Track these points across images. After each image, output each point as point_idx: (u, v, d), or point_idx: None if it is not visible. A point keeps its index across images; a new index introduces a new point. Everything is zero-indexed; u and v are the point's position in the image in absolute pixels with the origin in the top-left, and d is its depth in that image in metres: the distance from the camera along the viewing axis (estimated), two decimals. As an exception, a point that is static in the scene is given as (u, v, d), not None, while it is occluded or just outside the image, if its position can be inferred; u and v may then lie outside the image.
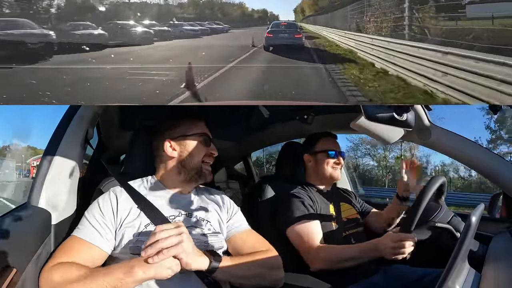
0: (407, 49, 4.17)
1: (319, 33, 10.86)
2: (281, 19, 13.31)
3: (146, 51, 7.01)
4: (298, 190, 1.58)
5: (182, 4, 12.00)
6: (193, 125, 1.21)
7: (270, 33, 7.84)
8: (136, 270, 0.89)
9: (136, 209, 1.11)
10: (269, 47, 7.60)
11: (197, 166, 1.19)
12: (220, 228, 1.19)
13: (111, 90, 3.89)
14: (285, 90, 3.88)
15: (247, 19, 14.46)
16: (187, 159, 1.19)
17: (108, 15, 8.71)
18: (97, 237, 1.03)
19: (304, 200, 1.52)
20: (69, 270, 0.92)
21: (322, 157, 1.64)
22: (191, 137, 1.20)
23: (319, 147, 1.66)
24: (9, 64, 4.75)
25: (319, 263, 1.37)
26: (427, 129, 1.47)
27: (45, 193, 1.15)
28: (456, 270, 0.84)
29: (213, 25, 11.10)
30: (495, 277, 0.98)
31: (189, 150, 1.19)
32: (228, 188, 2.57)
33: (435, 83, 3.48)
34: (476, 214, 0.86)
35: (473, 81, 2.88)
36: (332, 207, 1.58)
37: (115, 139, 2.30)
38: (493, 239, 1.25)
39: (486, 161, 1.39)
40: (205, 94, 3.77)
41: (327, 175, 1.63)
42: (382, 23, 5.52)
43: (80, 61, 5.61)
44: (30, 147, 22.76)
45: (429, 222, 1.31)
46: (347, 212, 1.61)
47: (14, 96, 3.50)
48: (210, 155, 1.21)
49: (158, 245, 0.89)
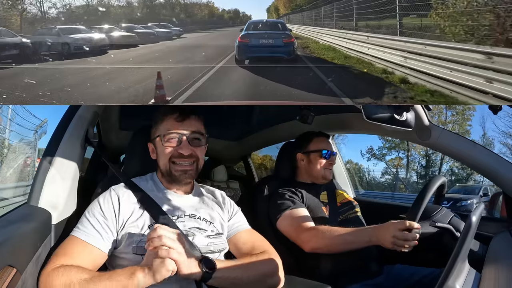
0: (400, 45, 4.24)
1: (303, 34, 9.69)
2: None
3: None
4: (285, 187, 1.59)
5: (130, 3, 10.18)
6: (160, 125, 1.16)
7: (245, 38, 5.06)
8: (137, 274, 0.88)
9: (139, 209, 1.10)
10: (243, 59, 4.99)
11: (166, 168, 1.14)
12: (222, 229, 1.18)
13: (111, 90, 3.88)
14: (285, 90, 3.88)
15: (217, 20, 12.95)
16: (159, 161, 1.17)
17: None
18: (98, 238, 1.02)
19: (287, 194, 1.54)
20: (70, 274, 0.91)
21: (315, 157, 1.64)
22: (158, 138, 1.15)
23: (313, 146, 1.67)
24: (9, 64, 4.75)
25: (312, 242, 1.34)
26: (427, 129, 1.47)
27: (45, 193, 1.15)
28: (456, 270, 0.84)
29: (156, 28, 8.77)
30: (495, 277, 0.98)
31: (158, 152, 1.16)
32: (228, 188, 2.57)
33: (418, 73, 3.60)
34: (476, 214, 0.86)
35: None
36: (325, 194, 1.60)
37: (115, 139, 2.30)
38: (493, 239, 1.24)
39: (486, 161, 1.39)
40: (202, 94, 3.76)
41: (319, 174, 1.64)
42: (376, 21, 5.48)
43: (80, 61, 5.61)
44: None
45: (429, 221, 1.31)
46: (340, 196, 1.63)
47: (14, 96, 3.50)
48: (178, 155, 1.12)
49: (162, 242, 0.88)
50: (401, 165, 16.85)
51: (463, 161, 1.48)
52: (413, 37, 4.11)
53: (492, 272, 1.00)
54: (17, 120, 7.83)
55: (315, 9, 9.36)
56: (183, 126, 1.13)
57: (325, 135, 1.72)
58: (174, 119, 1.14)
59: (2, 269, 0.81)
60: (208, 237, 1.12)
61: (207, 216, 1.16)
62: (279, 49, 5.01)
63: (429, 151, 15.84)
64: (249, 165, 2.97)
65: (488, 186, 10.03)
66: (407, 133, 1.43)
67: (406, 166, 16.82)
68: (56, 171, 1.20)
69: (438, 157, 15.91)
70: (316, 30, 8.54)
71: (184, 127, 1.13)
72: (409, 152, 16.65)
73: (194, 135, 1.15)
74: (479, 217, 0.89)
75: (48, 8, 8.07)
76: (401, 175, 16.67)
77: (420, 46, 3.74)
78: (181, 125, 1.13)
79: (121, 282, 0.88)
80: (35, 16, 7.89)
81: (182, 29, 9.55)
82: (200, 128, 1.17)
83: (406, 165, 16.80)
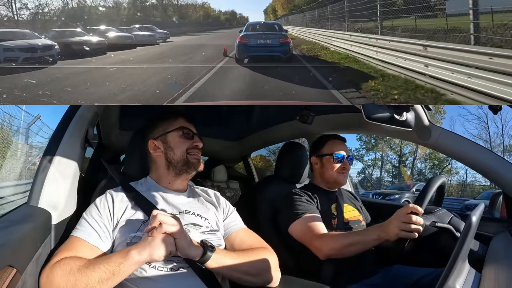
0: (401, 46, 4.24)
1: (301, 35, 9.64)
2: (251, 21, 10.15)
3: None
4: (300, 189, 1.58)
5: (118, 4, 9.39)
6: (172, 122, 1.26)
7: (244, 38, 5.47)
8: (132, 252, 0.92)
9: (132, 208, 1.13)
10: (243, 58, 5.39)
11: (183, 158, 1.21)
12: (218, 226, 1.20)
13: (111, 90, 3.88)
14: (285, 90, 3.88)
15: (212, 22, 12.44)
16: (171, 154, 1.22)
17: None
18: (96, 237, 1.05)
19: (304, 197, 1.52)
20: (70, 262, 0.94)
21: (328, 161, 1.62)
22: (171, 133, 1.24)
23: (326, 150, 1.64)
24: (9, 64, 4.74)
25: (327, 249, 1.33)
26: (427, 129, 1.47)
27: (45, 193, 1.15)
28: (456, 270, 0.84)
29: (138, 31, 7.81)
30: (495, 277, 0.98)
31: (171, 145, 1.23)
32: (228, 188, 2.57)
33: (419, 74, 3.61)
34: (476, 214, 0.86)
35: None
36: (334, 207, 1.57)
37: (115, 139, 2.30)
38: (493, 239, 1.24)
39: (486, 161, 1.39)
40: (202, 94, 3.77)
41: (332, 179, 1.61)
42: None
43: (80, 61, 5.61)
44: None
45: (429, 222, 1.31)
46: (350, 213, 1.59)
47: (14, 96, 3.50)
48: (194, 147, 1.23)
49: (158, 220, 0.94)
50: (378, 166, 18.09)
51: (463, 161, 1.48)
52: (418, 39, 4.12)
53: (492, 272, 1.00)
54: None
55: (318, 9, 9.29)
56: (187, 122, 1.27)
57: (340, 138, 1.68)
58: (186, 119, 1.28)
59: (2, 269, 0.81)
60: (203, 233, 1.13)
61: (202, 212, 1.19)
62: (275, 48, 5.40)
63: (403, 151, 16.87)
64: (249, 165, 2.97)
65: (422, 184, 10.09)
66: (407, 133, 1.44)
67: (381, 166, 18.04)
68: (56, 171, 1.20)
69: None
70: (316, 32, 8.52)
71: (188, 123, 1.28)
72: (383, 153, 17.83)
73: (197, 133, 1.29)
74: (479, 217, 0.89)
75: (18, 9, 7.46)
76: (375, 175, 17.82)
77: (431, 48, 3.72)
78: (186, 122, 1.27)
79: (117, 262, 0.92)
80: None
81: (168, 31, 8.52)
82: None
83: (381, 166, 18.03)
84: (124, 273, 0.92)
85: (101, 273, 0.90)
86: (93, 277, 0.90)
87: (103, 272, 0.90)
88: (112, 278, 0.91)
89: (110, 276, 0.90)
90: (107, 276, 0.90)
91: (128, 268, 0.92)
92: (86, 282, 0.90)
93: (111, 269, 0.91)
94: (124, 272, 0.92)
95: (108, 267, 0.91)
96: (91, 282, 0.89)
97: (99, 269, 0.91)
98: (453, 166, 16.22)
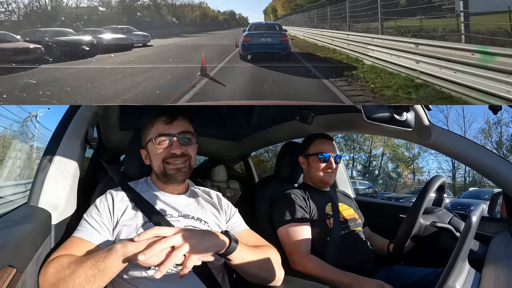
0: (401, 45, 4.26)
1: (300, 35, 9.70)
2: (250, 22, 10.27)
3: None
4: (293, 191, 1.58)
5: (108, 3, 8.85)
6: (149, 129, 1.20)
7: (248, 37, 6.14)
8: (116, 245, 0.90)
9: (132, 208, 1.13)
10: (246, 55, 6.06)
11: (160, 170, 1.17)
12: (220, 229, 1.19)
13: (111, 90, 3.89)
14: (285, 90, 3.88)
15: (210, 22, 11.86)
16: (152, 163, 1.21)
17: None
18: (96, 236, 1.05)
19: (297, 202, 1.52)
20: (61, 260, 0.95)
21: (314, 160, 1.63)
22: (149, 143, 1.19)
23: (312, 149, 1.65)
24: (9, 64, 4.74)
25: (300, 268, 1.37)
26: (427, 129, 1.47)
27: (45, 193, 1.15)
28: (456, 270, 0.84)
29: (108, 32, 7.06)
30: (495, 277, 0.98)
31: (151, 156, 1.20)
32: (228, 188, 2.57)
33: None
34: (476, 214, 0.86)
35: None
36: (329, 206, 1.57)
37: (115, 139, 2.30)
38: (493, 239, 1.24)
39: (486, 161, 1.39)
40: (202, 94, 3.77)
41: (318, 178, 1.62)
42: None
43: (80, 61, 5.61)
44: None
45: (429, 222, 1.31)
46: (346, 212, 1.60)
47: (14, 96, 3.50)
48: (171, 156, 1.16)
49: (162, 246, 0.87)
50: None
51: (463, 161, 1.48)
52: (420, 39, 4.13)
53: (492, 272, 1.00)
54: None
55: (317, 9, 9.24)
56: (172, 127, 1.17)
57: (326, 137, 1.68)
58: (163, 122, 1.18)
59: (2, 269, 0.81)
60: None
61: (201, 215, 1.17)
62: (275, 46, 6.09)
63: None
64: (249, 165, 2.97)
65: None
66: (407, 133, 1.44)
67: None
68: (56, 171, 1.20)
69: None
70: (316, 32, 8.51)
71: (173, 128, 1.17)
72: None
73: (184, 135, 1.18)
74: (479, 217, 0.89)
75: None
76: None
77: (430, 48, 3.73)
78: (170, 127, 1.17)
79: (102, 257, 0.90)
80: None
81: (148, 33, 7.98)
82: (189, 127, 1.21)
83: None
84: (111, 269, 0.89)
85: (87, 269, 0.89)
86: (80, 273, 0.89)
87: (89, 268, 0.89)
88: (99, 275, 0.89)
89: (96, 273, 0.89)
90: (93, 272, 0.88)
91: (113, 263, 0.89)
92: (74, 279, 0.89)
93: (97, 264, 0.89)
94: (110, 268, 0.89)
95: (95, 262, 0.90)
96: (78, 279, 0.88)
97: (86, 265, 0.90)
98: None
